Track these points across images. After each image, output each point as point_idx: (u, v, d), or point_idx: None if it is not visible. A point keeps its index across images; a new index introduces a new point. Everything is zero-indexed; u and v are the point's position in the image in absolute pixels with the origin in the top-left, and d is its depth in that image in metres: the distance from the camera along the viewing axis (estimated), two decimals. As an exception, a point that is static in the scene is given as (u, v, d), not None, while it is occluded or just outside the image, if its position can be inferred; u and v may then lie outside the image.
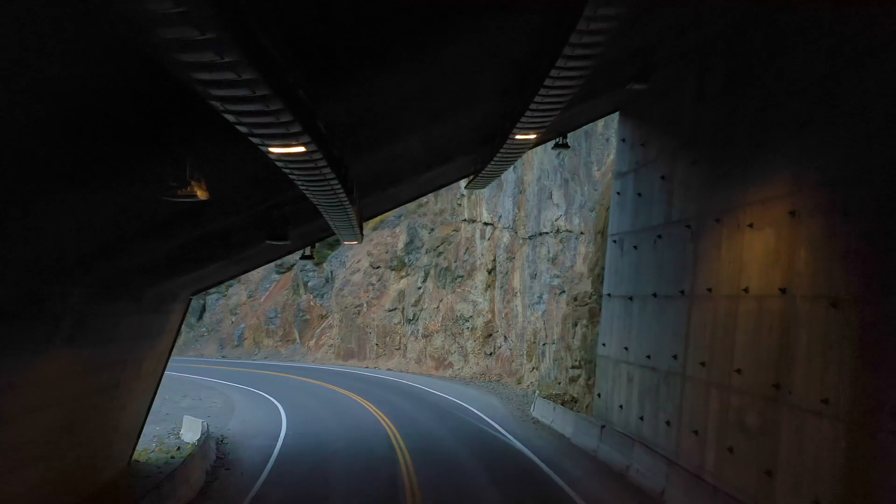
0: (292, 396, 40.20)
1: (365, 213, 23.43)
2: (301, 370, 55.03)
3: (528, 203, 44.27)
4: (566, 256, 39.15)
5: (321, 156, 9.96)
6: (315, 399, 38.74)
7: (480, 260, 49.95)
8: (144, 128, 8.82)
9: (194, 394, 45.08)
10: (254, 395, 41.75)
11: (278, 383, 46.90)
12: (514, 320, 45.48)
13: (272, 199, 15.02)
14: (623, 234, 24.66)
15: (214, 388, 46.73)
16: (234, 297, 79.36)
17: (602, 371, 25.79)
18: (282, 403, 37.78)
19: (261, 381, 49.01)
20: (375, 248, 63.38)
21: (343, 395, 40.08)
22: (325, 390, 42.25)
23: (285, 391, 42.54)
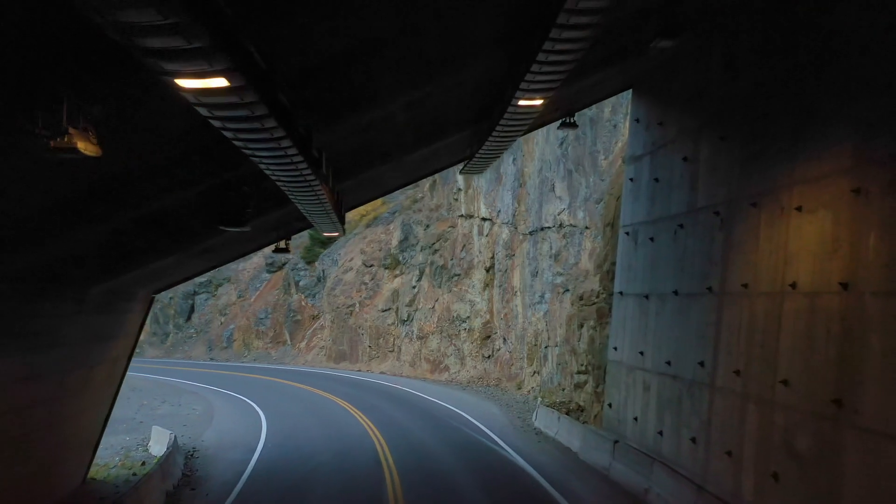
0: (277, 403, 37.54)
1: (348, 201, 20.81)
2: (290, 374, 52.37)
3: (529, 196, 41.63)
4: (570, 253, 36.52)
5: (257, 98, 7.33)
6: (300, 406, 36.07)
7: (478, 257, 47.32)
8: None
9: (174, 399, 42.47)
10: (236, 401, 39.09)
11: (264, 388, 44.23)
12: (513, 321, 42.84)
13: (224, 175, 12.39)
14: (637, 224, 22.01)
15: (197, 394, 44.11)
16: (223, 296, 76.73)
17: (613, 378, 23.13)
18: (264, 410, 35.12)
19: (247, 385, 46.35)
20: (369, 246, 60.74)
21: (330, 401, 37.41)
22: (312, 396, 39.58)
23: (270, 397, 39.88)
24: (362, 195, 21.37)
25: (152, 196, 11.93)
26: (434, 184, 54.45)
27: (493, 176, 46.33)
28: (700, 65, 18.62)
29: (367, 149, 15.12)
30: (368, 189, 20.78)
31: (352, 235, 65.94)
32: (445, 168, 22.85)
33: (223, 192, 13.10)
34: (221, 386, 46.15)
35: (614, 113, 33.07)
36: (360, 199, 21.97)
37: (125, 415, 38.69)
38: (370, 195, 22.03)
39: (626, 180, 23.38)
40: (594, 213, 34.35)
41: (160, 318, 78.55)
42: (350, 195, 20.06)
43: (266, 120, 8.85)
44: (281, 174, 11.57)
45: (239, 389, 43.74)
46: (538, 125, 22.74)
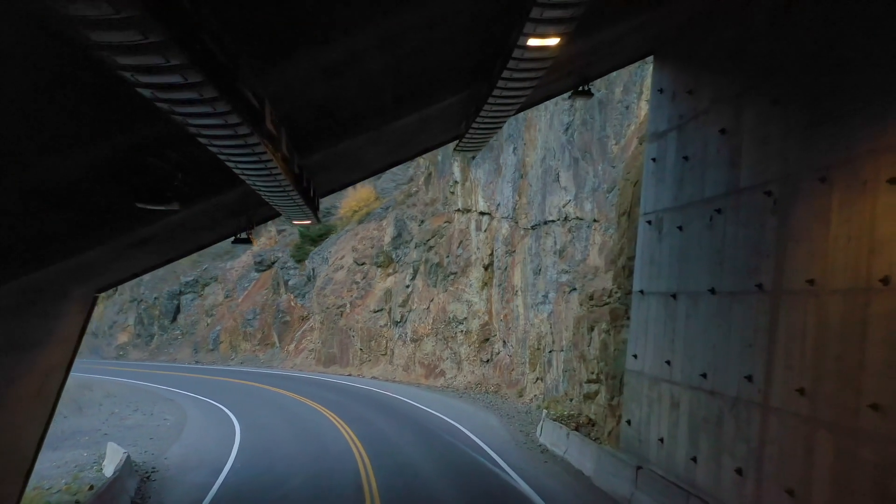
0: (255, 412, 34.33)
1: (321, 183, 17.61)
2: (276, 379, 49.13)
3: (531, 188, 38.43)
4: (576, 248, 33.34)
5: None
6: (280, 416, 32.85)
7: (476, 254, 44.13)
8: None
9: (148, 407, 39.28)
10: (213, 410, 35.88)
11: (246, 395, 41.01)
12: (514, 323, 39.65)
13: (132, 134, 9.18)
14: (662, 212, 18.82)
15: (173, 401, 40.92)
16: (210, 296, 73.54)
17: (632, 391, 19.92)
18: (241, 421, 31.93)
19: (228, 392, 43.13)
20: (360, 243, 57.54)
21: (314, 410, 34.19)
22: (295, 405, 36.36)
23: (250, 405, 36.66)
24: (340, 176, 18.13)
25: (33, 159, 8.73)
26: (429, 176, 51.28)
27: (491, 167, 43.16)
28: (742, 14, 15.44)
29: (333, 106, 11.89)
30: (346, 168, 17.55)
31: (344, 232, 62.79)
32: (438, 145, 19.62)
33: (138, 157, 9.89)
34: (201, 392, 42.94)
35: (626, 93, 29.90)
36: (337, 181, 18.71)
37: (91, 425, 35.50)
38: (351, 176, 18.77)
39: (646, 161, 20.18)
40: (603, 204, 31.20)
41: (144, 319, 75.34)
42: (323, 175, 16.86)
43: (151, 28, 5.69)
44: (202, 128, 8.36)
45: (219, 396, 40.54)
46: (547, 96, 19.54)
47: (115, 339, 77.88)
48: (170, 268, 79.87)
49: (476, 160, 44.14)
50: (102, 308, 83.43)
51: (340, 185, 19.55)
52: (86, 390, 48.45)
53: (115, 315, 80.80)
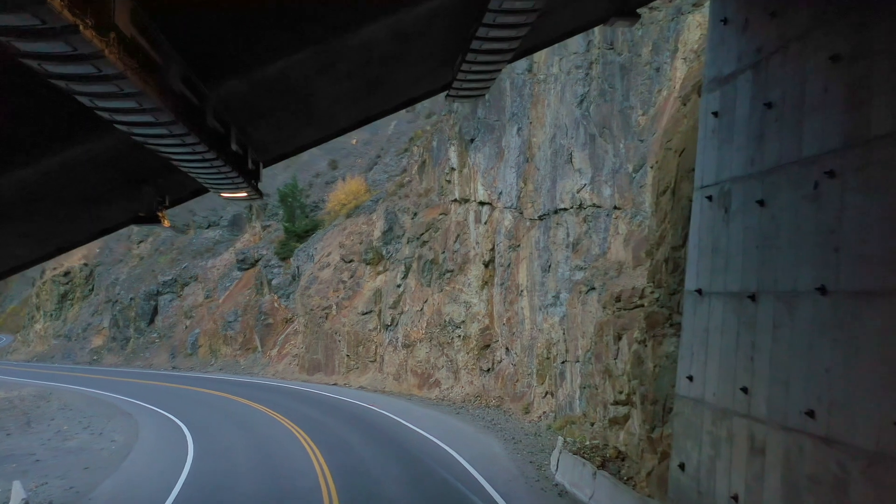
0: (218, 434, 29.38)
1: (262, 143, 12.72)
2: (253, 389, 44.15)
3: (539, 173, 33.46)
4: (593, 240, 28.40)
5: None
6: (245, 441, 27.87)
7: (475, 250, 39.12)
8: None
9: (100, 424, 34.31)
10: (170, 430, 30.94)
11: (214, 410, 36.02)
12: (518, 327, 34.67)
13: None
14: (729, 182, 13.83)
15: (131, 416, 35.98)
16: (189, 297, 68.55)
17: (687, 424, 14.90)
18: (197, 445, 26.98)
19: (195, 405, 38.14)
20: (348, 239, 52.54)
21: (287, 431, 29.23)
22: (266, 424, 31.40)
23: (214, 424, 31.69)
24: (288, 132, 13.14)
25: None
26: (423, 164, 46.30)
27: (492, 151, 38.18)
28: None
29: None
30: (294, 118, 12.54)
31: (331, 227, 57.81)
32: (425, 95, 14.55)
33: None
34: (165, 405, 37.98)
35: (656, 53, 24.95)
36: (288, 141, 13.66)
37: (28, 447, 30.45)
38: (305, 134, 13.71)
39: (702, 119, 15.17)
40: (627, 188, 26.26)
41: (119, 321, 70.30)
42: (261, 129, 11.93)
43: None
44: None
45: (182, 411, 35.58)
46: (574, 28, 14.48)
47: (88, 342, 72.81)
48: (147, 266, 74.82)
49: (475, 143, 39.16)
50: (77, 309, 78.29)
51: (295, 149, 14.50)
52: (42, 402, 43.51)
53: (89, 317, 75.66)
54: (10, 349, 79.50)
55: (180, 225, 74.66)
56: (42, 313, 77.11)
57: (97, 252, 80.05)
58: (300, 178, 69.45)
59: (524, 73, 35.70)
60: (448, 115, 43.71)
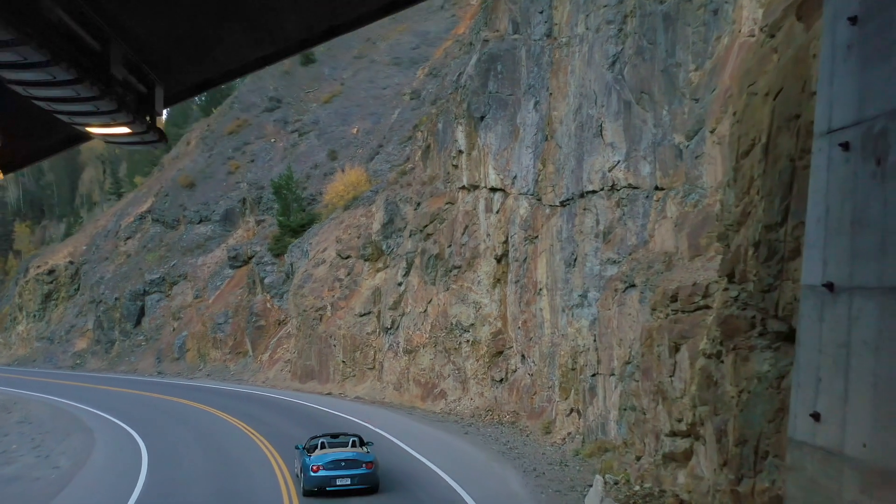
0: (179, 458, 24.74)
1: (169, 57, 7.86)
2: (237, 400, 39.46)
3: (561, 152, 28.63)
4: (629, 228, 23.60)
5: None
6: (209, 469, 23.14)
7: (485, 243, 34.27)
8: None
9: (52, 443, 29.67)
10: (127, 451, 26.34)
11: (185, 426, 31.36)
12: (536, 332, 29.85)
13: None
14: (883, 118, 8.91)
15: (91, 433, 31.40)
16: (178, 297, 63.89)
17: (810, 487, 9.99)
18: (150, 477, 22.27)
19: (166, 419, 33.51)
20: (345, 233, 47.78)
21: (262, 456, 24.51)
22: (240, 445, 26.70)
23: (181, 445, 27.03)
24: (207, 42, 8.49)
25: None
26: (428, 149, 41.47)
27: (505, 129, 33.34)
28: None
29: None
30: (217, 21, 7.80)
31: (328, 221, 53.10)
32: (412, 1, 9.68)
33: None
34: (135, 421, 33.37)
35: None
36: (204, 56, 9.02)
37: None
38: (236, 49, 9.09)
39: (827, 33, 10.28)
40: (670, 162, 21.45)
41: (104, 322, 65.69)
42: (154, 31, 7.07)
43: None
44: None
45: (151, 428, 30.97)
46: None
47: (72, 345, 68.24)
48: (134, 265, 70.18)
49: (486, 122, 34.33)
50: (62, 310, 73.69)
51: (222, 73, 9.64)
52: (2, 413, 38.90)
53: (73, 318, 71.08)
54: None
55: (170, 220, 70.06)
56: (25, 314, 72.64)
57: (84, 249, 75.55)
58: (297, 169, 64.76)
59: (542, 38, 30.93)
60: (455, 93, 38.85)
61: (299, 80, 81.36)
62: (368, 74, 76.44)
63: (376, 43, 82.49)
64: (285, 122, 75.30)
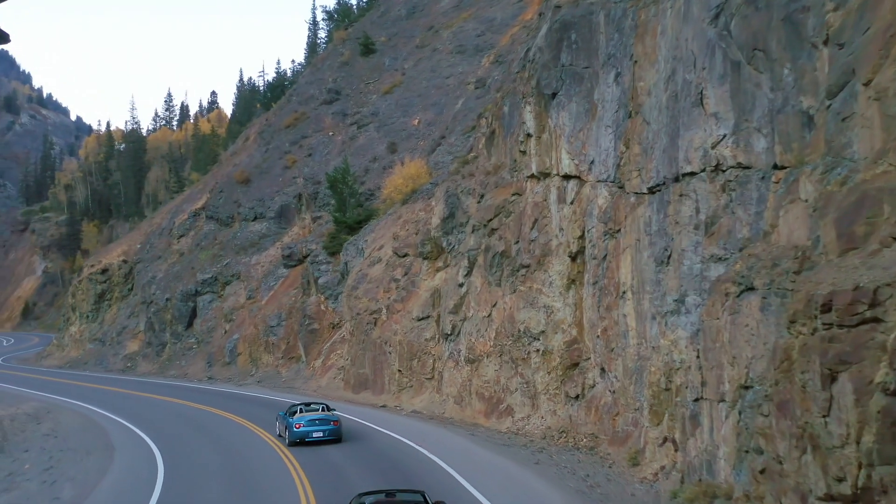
0: (198, 490, 21.03)
1: None
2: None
3: (649, 128, 24.09)
4: (739, 216, 19.02)
5: None
6: (230, 499, 19.40)
7: (558, 238, 29.88)
8: None
9: (66, 465, 26.58)
10: (142, 483, 22.71)
11: (219, 449, 27.83)
12: (619, 341, 25.35)
13: None
14: None
15: (115, 451, 28.37)
16: (231, 297, 60.88)
17: None
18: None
19: (198, 437, 30.03)
20: (403, 229, 43.88)
21: (293, 489, 20.64)
22: (273, 473, 22.89)
23: (202, 479, 23.35)
24: None
25: None
26: (492, 135, 37.20)
27: (580, 108, 28.89)
28: None
29: None
30: None
31: (385, 216, 49.29)
32: None
33: None
34: (165, 437, 30.18)
35: None
36: None
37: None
38: None
39: None
40: (796, 134, 16.85)
41: (155, 323, 63.09)
42: None
43: None
44: None
45: (180, 451, 27.66)
46: None
47: (123, 347, 65.89)
48: (186, 264, 67.40)
49: (558, 99, 29.95)
50: (115, 310, 71.55)
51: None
52: (32, 423, 36.04)
53: (126, 319, 68.78)
54: (45, 354, 73.33)
55: (224, 217, 67.22)
56: (78, 315, 70.68)
57: (137, 248, 73.35)
58: (355, 163, 61.19)
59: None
60: (522, 71, 34.47)
61: (359, 71, 77.99)
62: (430, 64, 72.50)
63: (439, 31, 78.58)
64: (344, 114, 71.91)
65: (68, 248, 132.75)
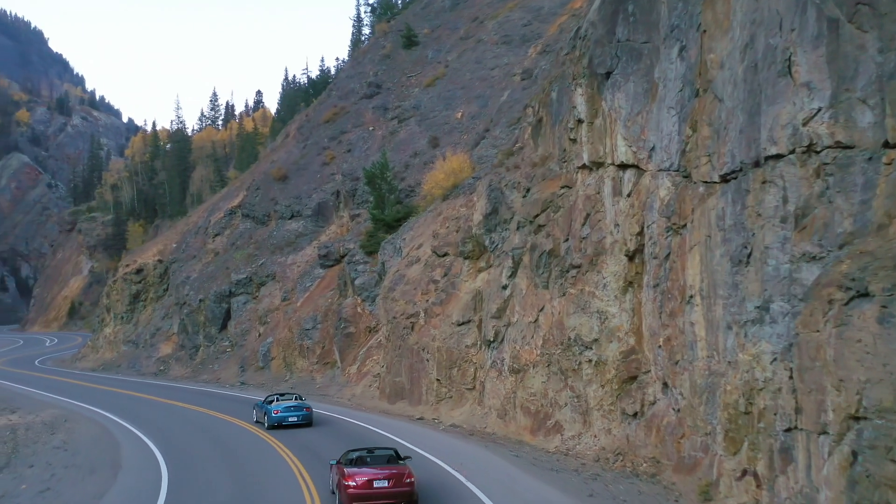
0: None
1: None
2: (317, 429, 32.90)
3: (721, 106, 20.72)
4: (838, 206, 15.67)
5: None
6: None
7: (613, 235, 26.59)
8: None
9: (69, 482, 24.44)
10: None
11: (233, 467, 25.05)
12: (685, 353, 21.98)
13: None
14: None
15: (120, 470, 25.93)
16: (265, 299, 58.46)
17: None
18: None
19: (217, 460, 27.26)
20: (443, 226, 40.89)
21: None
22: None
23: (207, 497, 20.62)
24: None
25: None
26: (539, 124, 34.01)
27: (639, 87, 25.57)
28: None
29: None
30: None
31: (425, 213, 46.38)
32: None
33: None
34: (179, 452, 27.59)
35: None
36: None
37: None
38: None
39: None
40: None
41: (188, 325, 60.97)
42: None
43: None
44: None
45: (190, 472, 24.80)
46: None
47: (156, 350, 63.88)
48: (221, 263, 65.12)
49: (614, 79, 26.67)
50: (150, 311, 69.71)
51: None
52: (47, 434, 33.87)
53: (160, 321, 66.81)
54: (80, 356, 71.72)
55: (260, 215, 64.91)
56: (112, 315, 68.93)
57: (173, 247, 71.43)
58: (395, 158, 58.41)
59: (690, -37, 23.10)
60: (572, 52, 31.19)
61: (400, 63, 75.25)
62: (475, 55, 69.46)
63: (484, 22, 75.50)
64: (385, 108, 69.19)
65: (114, 247, 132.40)
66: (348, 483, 19.19)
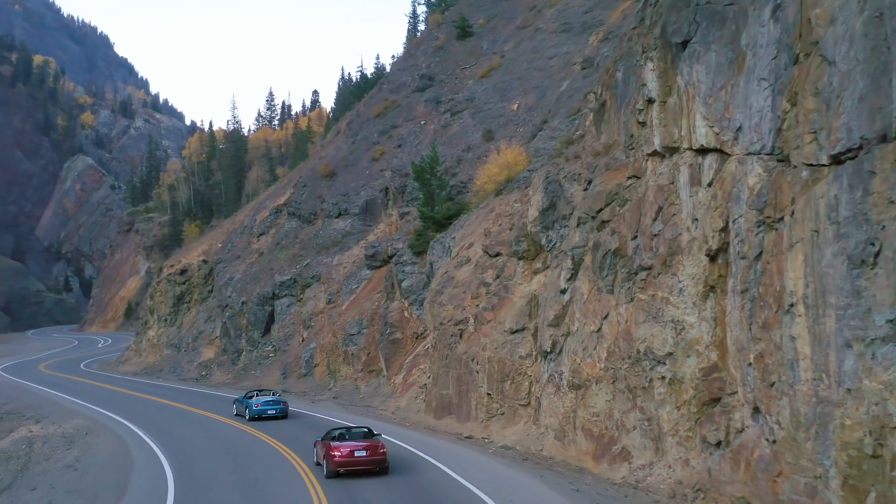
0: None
1: None
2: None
3: (832, 71, 16.76)
4: None
5: None
6: None
7: (690, 231, 22.68)
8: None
9: None
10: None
11: (246, 494, 21.88)
12: (783, 373, 18.02)
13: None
14: None
15: (124, 496, 22.60)
16: (310, 301, 55.58)
17: None
18: None
19: (233, 481, 24.12)
20: (496, 224, 37.32)
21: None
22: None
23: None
24: None
25: None
26: (602, 108, 30.27)
27: (721, 58, 21.65)
28: None
29: None
30: None
31: (477, 210, 42.87)
32: None
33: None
34: (198, 482, 24.39)
35: None
36: None
37: None
38: None
39: None
40: None
41: (231, 329, 58.40)
42: None
43: None
44: None
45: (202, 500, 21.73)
46: None
47: (199, 354, 61.49)
48: (265, 264, 62.42)
49: (692, 49, 22.81)
50: (194, 313, 67.52)
51: None
52: (63, 448, 31.43)
53: (203, 323, 64.47)
54: (124, 359, 69.87)
55: (306, 214, 62.09)
56: (156, 318, 66.83)
57: (218, 247, 69.12)
58: (447, 153, 55.02)
59: None
60: (640, 26, 27.33)
61: (454, 55, 71.89)
62: (532, 44, 65.67)
63: (542, 10, 71.70)
64: (437, 101, 65.87)
65: (170, 248, 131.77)
66: (334, 453, 23.97)
